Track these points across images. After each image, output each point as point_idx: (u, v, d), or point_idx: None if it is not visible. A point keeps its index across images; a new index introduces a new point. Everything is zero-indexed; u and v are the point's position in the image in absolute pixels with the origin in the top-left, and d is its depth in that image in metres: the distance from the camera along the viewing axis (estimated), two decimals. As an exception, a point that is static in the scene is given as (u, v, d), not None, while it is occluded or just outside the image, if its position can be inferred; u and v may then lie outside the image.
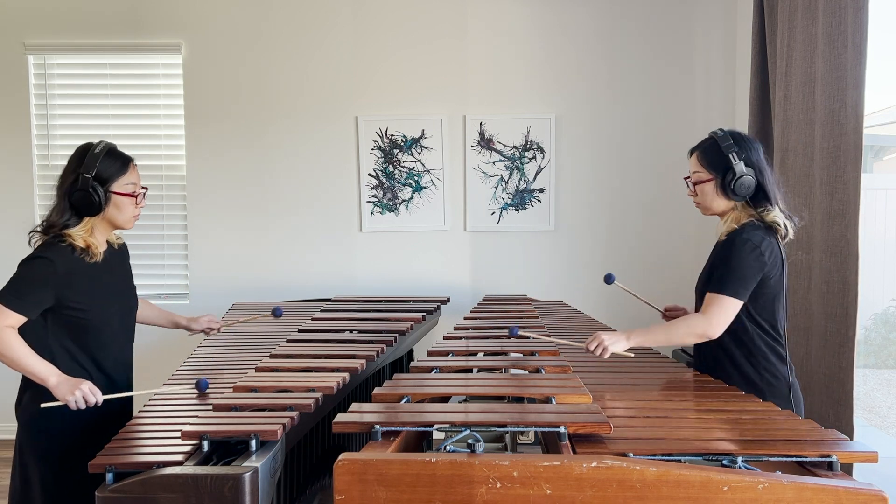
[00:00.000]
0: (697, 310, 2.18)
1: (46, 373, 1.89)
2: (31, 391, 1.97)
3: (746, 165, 2.00)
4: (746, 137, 2.08)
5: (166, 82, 4.12)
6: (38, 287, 1.91)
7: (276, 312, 2.63)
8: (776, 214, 2.03)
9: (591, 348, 2.09)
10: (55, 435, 1.96)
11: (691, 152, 2.15)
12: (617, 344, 2.07)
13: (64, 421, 1.94)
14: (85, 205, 1.96)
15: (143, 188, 2.09)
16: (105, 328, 2.05)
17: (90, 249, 1.99)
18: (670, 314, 2.38)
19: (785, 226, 2.04)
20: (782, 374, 2.06)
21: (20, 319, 1.89)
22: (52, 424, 1.95)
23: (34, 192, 4.07)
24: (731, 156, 2.00)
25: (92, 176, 1.95)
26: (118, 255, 2.17)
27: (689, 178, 2.15)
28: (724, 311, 1.98)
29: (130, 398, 2.13)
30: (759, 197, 2.04)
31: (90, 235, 2.01)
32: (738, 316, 2.03)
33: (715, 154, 2.05)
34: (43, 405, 1.89)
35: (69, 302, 1.96)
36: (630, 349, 2.11)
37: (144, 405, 1.91)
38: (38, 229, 2.00)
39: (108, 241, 2.12)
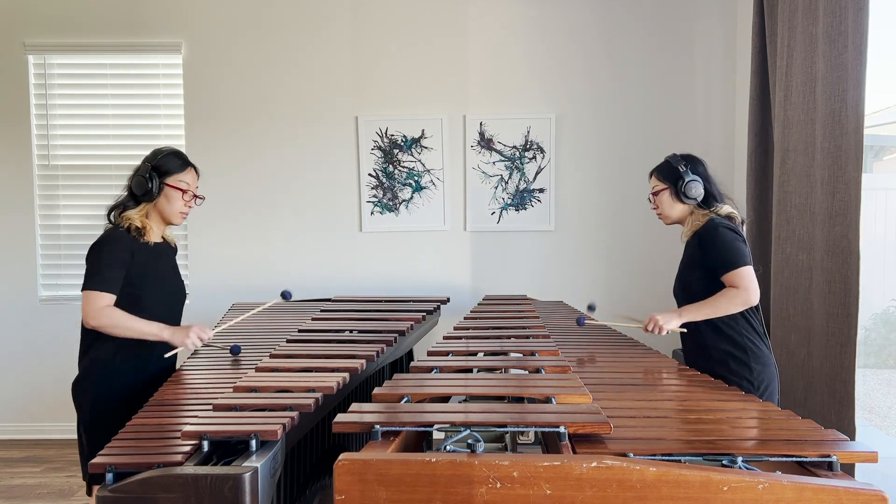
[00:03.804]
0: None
1: (157, 330, 2.21)
2: (88, 364, 2.22)
3: (693, 173, 2.41)
4: (693, 156, 2.49)
5: (166, 82, 4.12)
6: (110, 267, 2.17)
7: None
8: (727, 207, 2.40)
9: (649, 328, 2.35)
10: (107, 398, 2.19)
11: (651, 173, 2.53)
12: (670, 322, 2.33)
13: (112, 390, 2.20)
14: (140, 189, 2.25)
15: (199, 196, 2.39)
16: (154, 309, 2.27)
17: (144, 229, 2.26)
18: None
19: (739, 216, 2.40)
20: (764, 343, 2.35)
21: (111, 298, 2.17)
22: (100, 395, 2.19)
23: (34, 192, 4.06)
24: (679, 167, 2.42)
25: (152, 165, 2.26)
26: (171, 251, 2.45)
27: (650, 196, 2.53)
28: (751, 278, 2.26)
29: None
30: (710, 201, 2.42)
31: (145, 218, 2.29)
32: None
33: (668, 168, 2.46)
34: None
35: (129, 278, 2.21)
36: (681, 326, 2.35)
37: (144, 405, 1.91)
38: (108, 213, 2.28)
39: (163, 237, 2.40)
